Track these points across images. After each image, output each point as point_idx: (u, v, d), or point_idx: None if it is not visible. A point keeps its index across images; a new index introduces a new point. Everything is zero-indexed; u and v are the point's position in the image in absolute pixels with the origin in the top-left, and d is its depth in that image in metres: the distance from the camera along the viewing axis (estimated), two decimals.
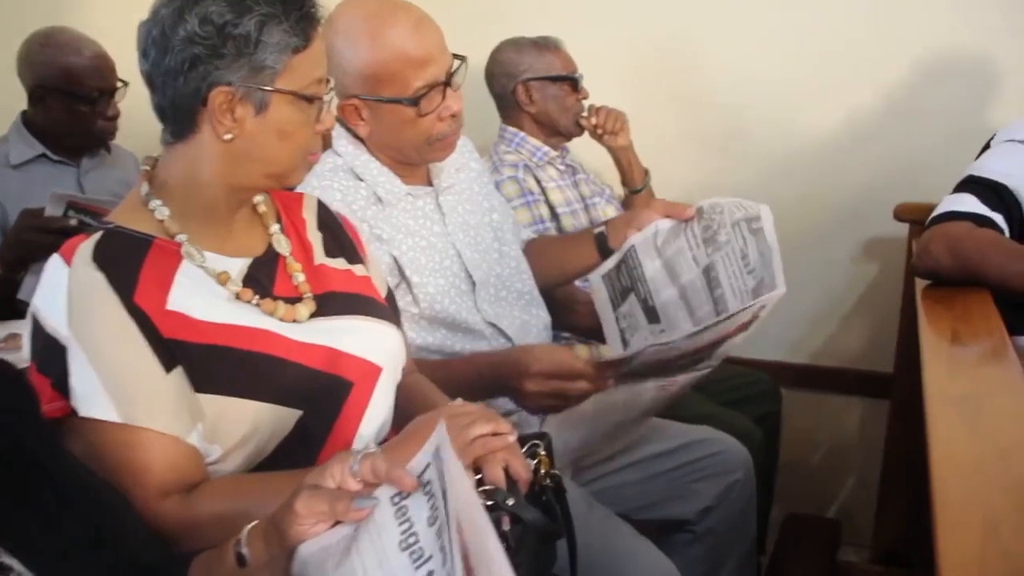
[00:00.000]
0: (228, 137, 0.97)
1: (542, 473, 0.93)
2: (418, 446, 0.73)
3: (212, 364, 0.95)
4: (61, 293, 0.93)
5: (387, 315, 1.13)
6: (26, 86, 1.90)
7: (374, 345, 1.07)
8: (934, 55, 2.02)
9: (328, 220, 1.17)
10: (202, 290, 0.99)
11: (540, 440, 0.96)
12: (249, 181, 1.02)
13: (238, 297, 1.01)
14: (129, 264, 0.95)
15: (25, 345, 0.97)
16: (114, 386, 0.91)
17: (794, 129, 2.13)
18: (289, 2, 0.96)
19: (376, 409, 1.05)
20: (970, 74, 2.00)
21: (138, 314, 0.93)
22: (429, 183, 1.45)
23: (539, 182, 1.91)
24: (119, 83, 1.91)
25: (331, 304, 1.07)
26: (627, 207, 2.06)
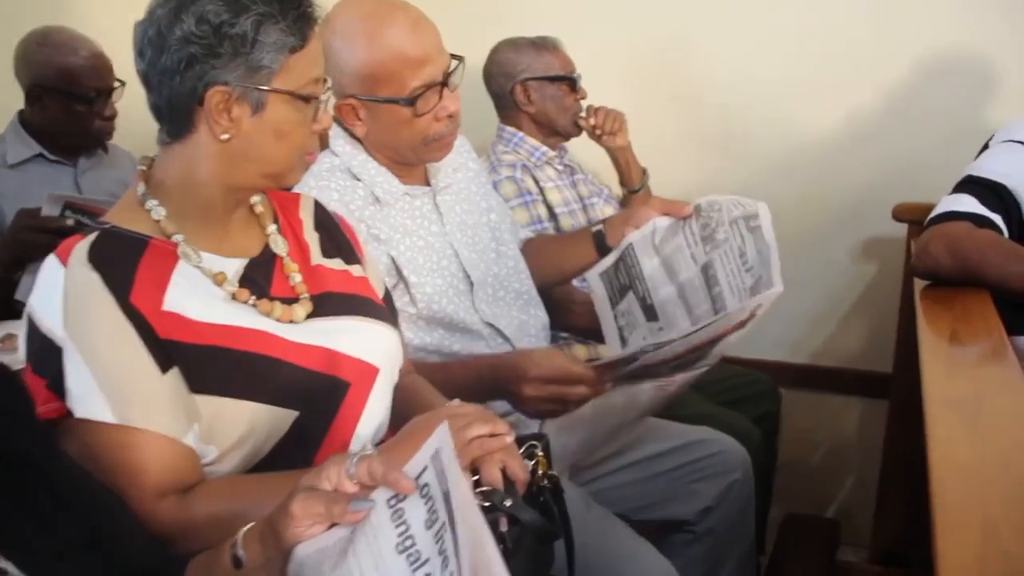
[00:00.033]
0: (225, 137, 0.97)
1: (540, 474, 0.93)
2: (415, 447, 0.73)
3: (208, 365, 0.95)
4: (57, 294, 0.93)
5: (384, 316, 1.13)
6: (23, 86, 1.90)
7: (371, 346, 1.06)
8: (933, 55, 2.02)
9: (325, 220, 1.17)
10: (198, 290, 0.99)
11: (538, 441, 0.95)
12: (246, 181, 1.02)
13: (234, 298, 1.01)
14: (125, 264, 0.95)
15: (21, 346, 0.97)
16: (110, 387, 0.91)
17: (793, 129, 2.13)
18: (286, 2, 0.96)
19: (373, 410, 1.05)
20: (969, 74, 2.00)
21: (134, 315, 0.93)
22: (427, 183, 1.44)
23: (537, 182, 1.91)
24: (116, 83, 1.90)
25: (328, 305, 1.07)
26: (625, 207, 2.05)
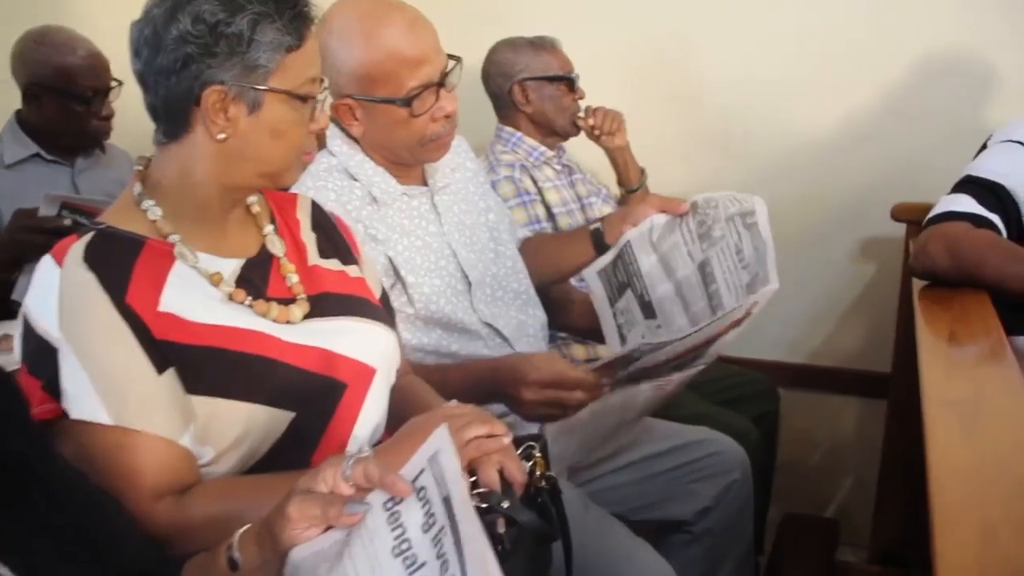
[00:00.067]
0: (221, 137, 0.97)
1: (537, 475, 0.93)
2: (413, 448, 0.73)
3: (204, 365, 0.94)
4: (52, 294, 0.92)
5: (381, 316, 1.13)
6: (20, 85, 1.90)
7: (368, 346, 1.06)
8: (932, 55, 2.02)
9: (322, 221, 1.17)
10: (195, 291, 0.98)
11: (535, 442, 0.95)
12: (243, 181, 1.02)
13: (231, 298, 1.00)
14: (121, 265, 0.95)
15: (16, 346, 0.96)
16: (105, 388, 0.90)
17: (793, 129, 2.13)
18: (282, 1, 0.95)
19: (370, 411, 1.04)
20: (968, 74, 2.00)
21: (130, 315, 0.92)
22: (424, 183, 1.44)
23: (535, 182, 1.91)
24: (113, 82, 1.90)
25: (325, 305, 1.06)
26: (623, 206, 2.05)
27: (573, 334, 1.78)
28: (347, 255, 1.15)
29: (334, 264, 1.13)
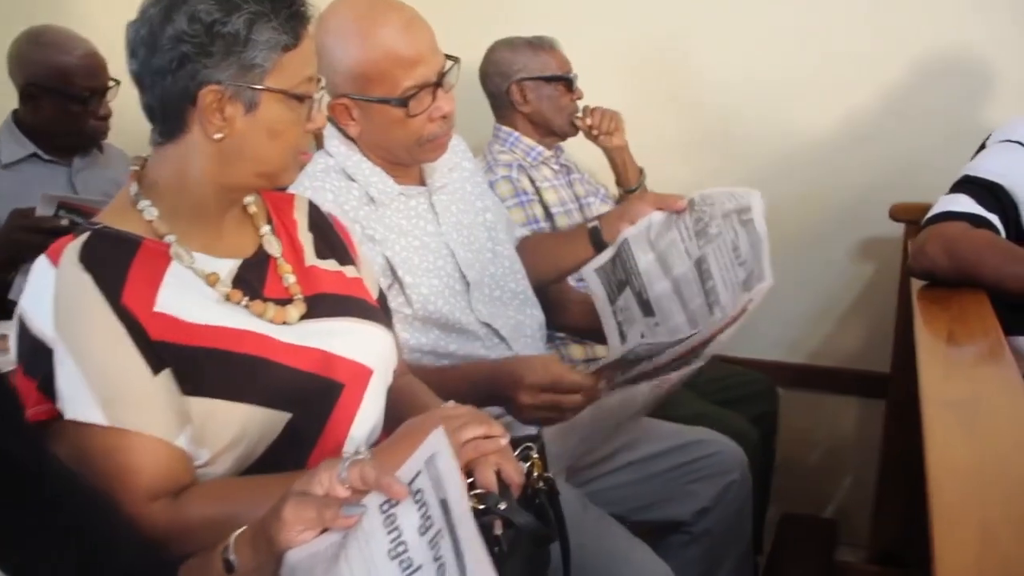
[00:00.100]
0: (218, 136, 0.96)
1: (535, 476, 0.92)
2: (410, 449, 0.72)
3: (200, 366, 0.94)
4: (47, 294, 0.92)
5: (378, 317, 1.12)
6: (17, 85, 1.89)
7: (365, 347, 1.06)
8: (931, 55, 2.02)
9: (319, 221, 1.16)
10: (191, 291, 0.98)
11: (533, 443, 0.95)
12: (240, 181, 1.01)
13: (227, 298, 1.00)
14: (117, 265, 0.94)
15: (11, 347, 0.96)
16: (101, 388, 0.90)
17: (793, 129, 2.12)
18: (278, 0, 0.95)
19: (367, 412, 1.04)
20: (968, 74, 2.00)
21: (125, 316, 0.92)
22: (422, 183, 1.44)
23: (533, 182, 1.91)
24: (111, 82, 1.90)
25: (322, 306, 1.06)
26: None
27: (571, 334, 1.78)
28: (344, 255, 1.15)
29: (331, 265, 1.12)
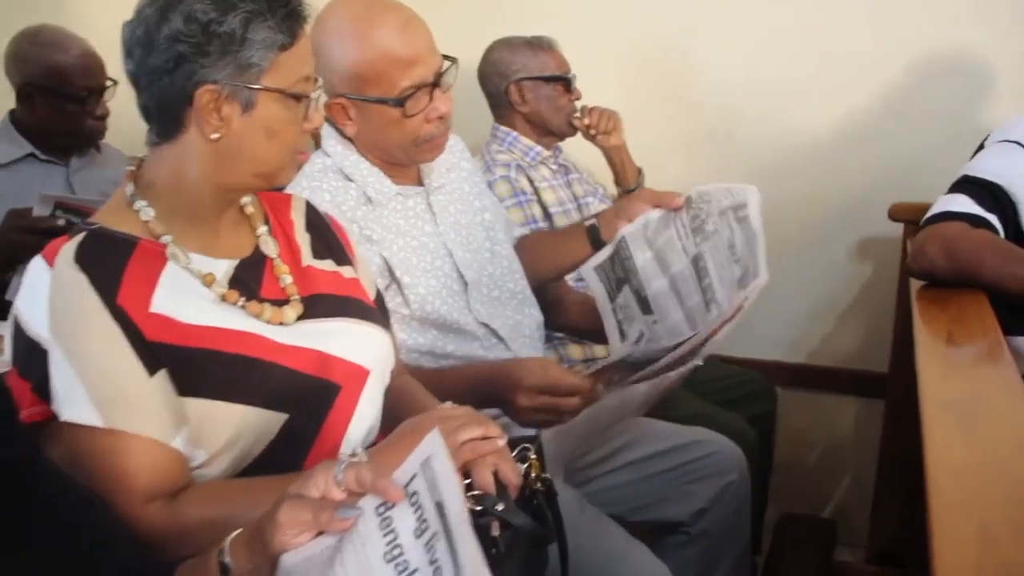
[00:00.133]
0: (215, 136, 0.96)
1: (533, 477, 0.92)
2: (407, 450, 0.72)
3: (196, 367, 0.94)
4: (43, 295, 0.92)
5: (375, 317, 1.12)
6: (14, 84, 1.89)
7: (362, 348, 1.05)
8: (932, 56, 2.01)
9: (316, 221, 1.16)
10: (187, 292, 0.97)
11: (530, 443, 0.94)
12: (237, 181, 1.01)
13: (224, 299, 0.99)
14: (112, 265, 0.94)
15: (6, 348, 0.95)
16: (96, 389, 0.89)
17: (793, 129, 2.12)
18: None
19: (364, 412, 1.04)
20: (968, 74, 2.00)
21: (121, 316, 0.91)
22: (420, 183, 1.43)
23: (532, 182, 1.90)
24: (108, 82, 1.89)
25: (319, 306, 1.06)
26: None
27: (569, 334, 1.77)
28: (341, 256, 1.15)
29: (328, 265, 1.12)
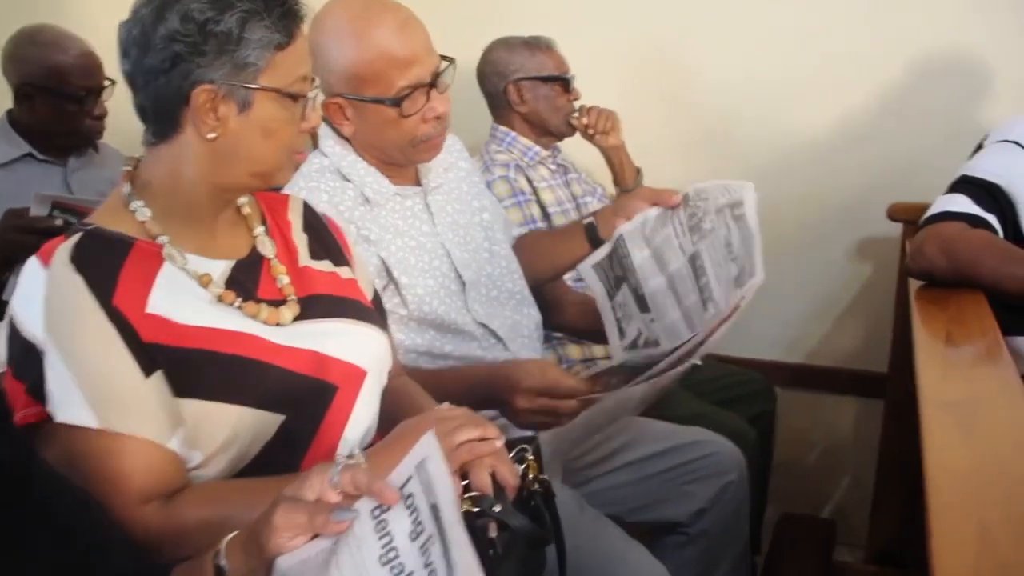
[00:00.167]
0: (211, 136, 0.96)
1: (530, 478, 0.92)
2: (404, 451, 0.72)
3: (193, 368, 0.93)
4: (38, 296, 0.91)
5: (373, 318, 1.12)
6: (12, 84, 1.89)
7: (359, 348, 1.05)
8: (930, 56, 2.01)
9: (313, 222, 1.16)
10: (183, 293, 0.97)
11: (528, 444, 0.94)
12: (234, 181, 1.01)
13: (220, 300, 0.99)
14: (108, 266, 0.94)
15: (1, 349, 0.95)
16: (92, 391, 0.89)
17: (791, 129, 2.12)
18: None
19: (361, 413, 1.03)
20: (966, 75, 1.99)
21: (117, 317, 0.91)
22: (417, 183, 1.43)
23: (530, 182, 1.90)
24: (106, 81, 1.89)
25: (316, 307, 1.05)
26: None
27: (568, 334, 1.77)
28: (339, 256, 1.15)
29: (325, 266, 1.12)
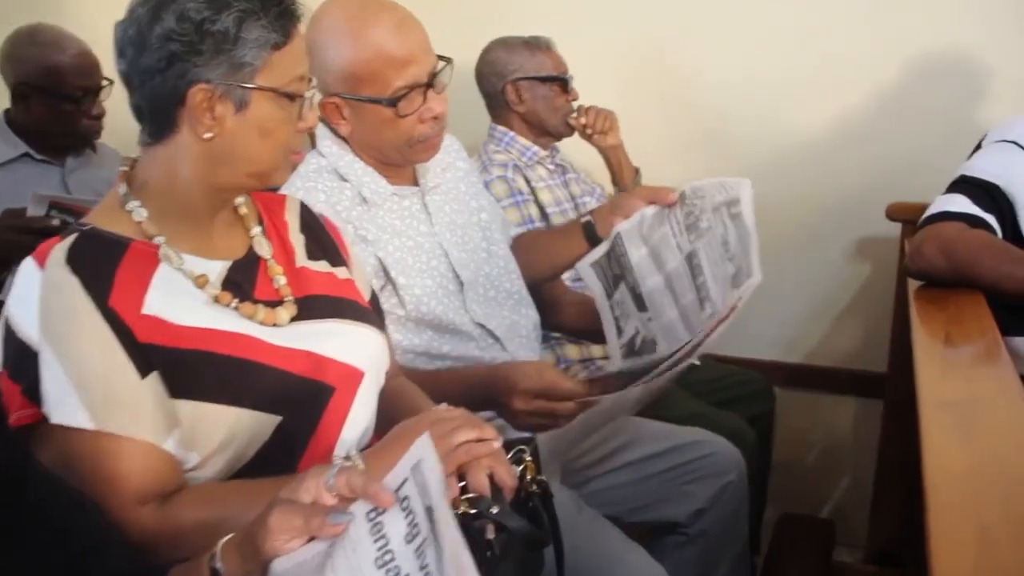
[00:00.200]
0: (208, 136, 0.95)
1: (528, 479, 0.91)
2: (401, 452, 0.72)
3: (189, 369, 0.93)
4: (33, 296, 0.91)
5: (370, 319, 1.11)
6: (8, 84, 1.88)
7: (356, 349, 1.05)
8: (929, 56, 2.01)
9: (311, 222, 1.15)
10: (180, 293, 0.97)
11: (526, 445, 0.94)
12: (230, 181, 1.00)
13: (217, 300, 0.99)
14: (104, 267, 0.93)
15: None
16: (87, 392, 0.89)
17: (790, 129, 2.12)
18: None
19: (358, 414, 1.03)
20: (965, 75, 1.99)
21: (113, 318, 0.91)
22: (415, 183, 1.43)
23: (528, 182, 1.90)
24: (104, 81, 1.88)
25: (313, 308, 1.05)
26: None
27: (566, 334, 1.77)
28: (336, 257, 1.14)
29: (322, 266, 1.11)
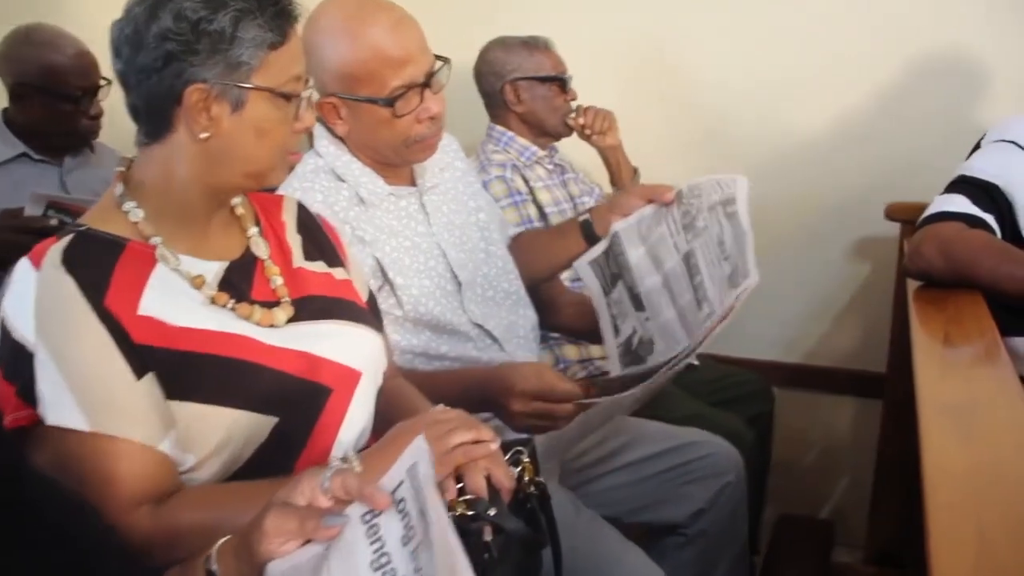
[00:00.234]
0: (204, 136, 0.95)
1: (526, 481, 0.91)
2: (398, 454, 0.71)
3: (185, 370, 0.93)
4: (29, 297, 0.91)
5: (368, 319, 1.11)
6: (6, 84, 1.88)
7: (354, 350, 1.04)
8: (929, 56, 2.01)
9: (308, 222, 1.15)
10: (176, 294, 0.96)
11: (524, 447, 0.93)
12: (227, 181, 1.00)
13: (213, 301, 0.98)
14: (100, 267, 0.93)
15: None
16: (83, 393, 0.88)
17: (790, 129, 2.12)
18: None
19: (356, 415, 1.03)
20: (964, 75, 1.99)
21: (108, 319, 0.90)
22: (413, 183, 1.42)
23: (527, 182, 1.90)
24: (102, 81, 1.88)
25: (310, 308, 1.05)
26: None
27: (564, 335, 1.77)
28: (333, 257, 1.14)
29: (320, 267, 1.11)
